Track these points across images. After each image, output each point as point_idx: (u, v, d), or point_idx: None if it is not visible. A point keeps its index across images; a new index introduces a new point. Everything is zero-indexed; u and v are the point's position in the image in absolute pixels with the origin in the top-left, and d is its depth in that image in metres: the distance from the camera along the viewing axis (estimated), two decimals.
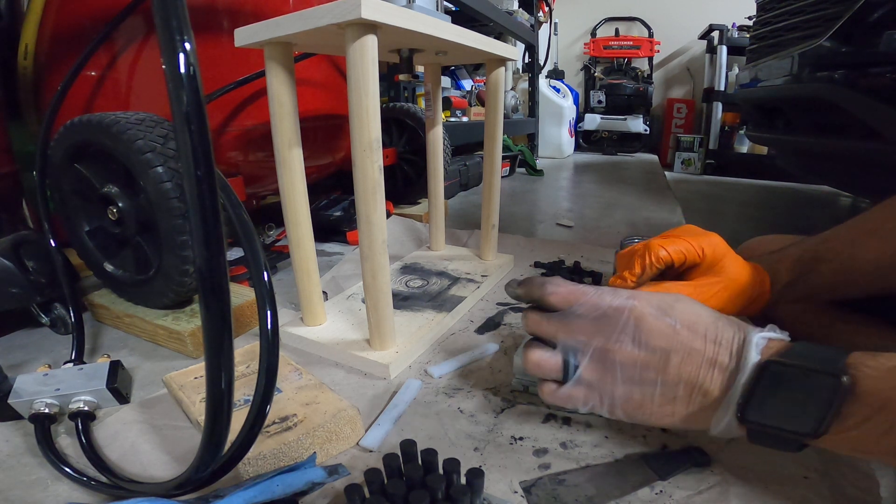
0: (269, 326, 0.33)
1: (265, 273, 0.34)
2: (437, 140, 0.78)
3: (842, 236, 0.48)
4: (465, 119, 2.07)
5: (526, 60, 2.73)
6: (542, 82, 2.93)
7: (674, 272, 0.51)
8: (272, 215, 0.92)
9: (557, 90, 3.06)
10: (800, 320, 0.55)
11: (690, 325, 0.34)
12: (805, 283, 0.48)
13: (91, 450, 0.40)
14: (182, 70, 0.23)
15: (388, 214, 1.09)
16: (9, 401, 0.43)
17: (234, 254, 0.91)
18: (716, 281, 0.47)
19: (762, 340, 0.32)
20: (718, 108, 2.88)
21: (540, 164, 2.39)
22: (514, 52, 0.71)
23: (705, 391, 0.33)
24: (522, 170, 2.26)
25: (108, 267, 0.65)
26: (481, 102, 2.26)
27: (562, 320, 0.37)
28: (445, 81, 2.35)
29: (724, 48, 2.82)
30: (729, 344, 0.33)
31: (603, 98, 3.39)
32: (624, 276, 0.51)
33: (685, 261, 0.49)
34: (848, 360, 0.29)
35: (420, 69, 0.98)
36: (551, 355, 0.37)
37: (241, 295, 0.65)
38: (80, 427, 0.42)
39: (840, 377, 0.28)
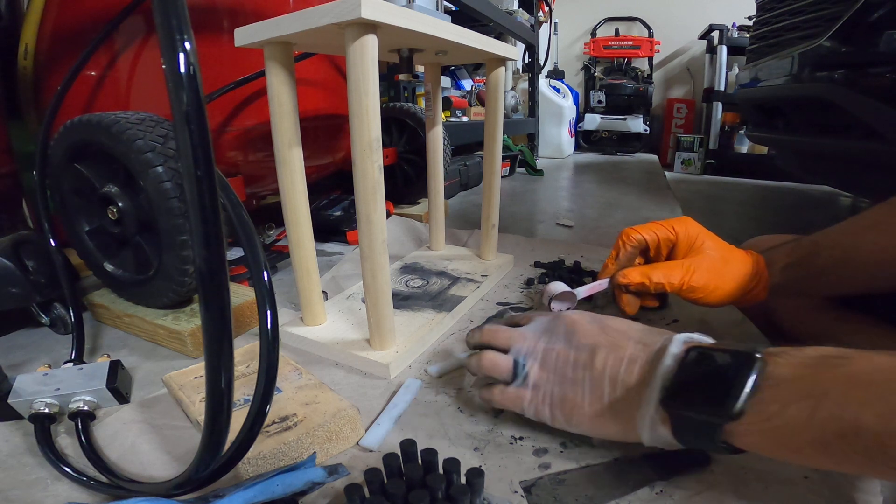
0: (269, 326, 0.33)
1: (265, 273, 0.34)
2: (437, 140, 0.78)
3: (842, 229, 0.48)
4: (465, 119, 2.07)
5: (526, 60, 2.73)
6: (542, 82, 2.93)
7: (660, 259, 0.52)
8: (272, 215, 0.92)
9: (557, 90, 3.06)
10: (799, 319, 0.55)
11: (619, 330, 0.38)
12: (804, 270, 0.48)
13: (91, 450, 0.40)
14: (182, 70, 0.23)
15: (388, 214, 1.09)
16: (8, 400, 0.43)
17: (234, 254, 0.91)
18: (700, 258, 0.49)
19: (684, 337, 0.34)
20: (718, 108, 2.88)
21: (540, 164, 2.39)
22: (514, 51, 0.71)
23: (627, 384, 0.34)
24: (522, 170, 2.26)
25: (108, 267, 0.65)
26: (481, 102, 2.26)
27: (518, 331, 0.42)
28: (445, 81, 2.35)
29: (724, 48, 2.82)
30: (653, 344, 0.35)
31: (603, 98, 3.39)
32: (605, 264, 0.55)
33: (658, 240, 0.51)
34: (769, 349, 0.30)
35: (420, 69, 0.98)
36: (504, 358, 0.40)
37: (241, 295, 0.65)
38: (80, 427, 0.42)
39: (755, 354, 0.29)
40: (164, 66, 0.23)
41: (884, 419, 0.24)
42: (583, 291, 0.56)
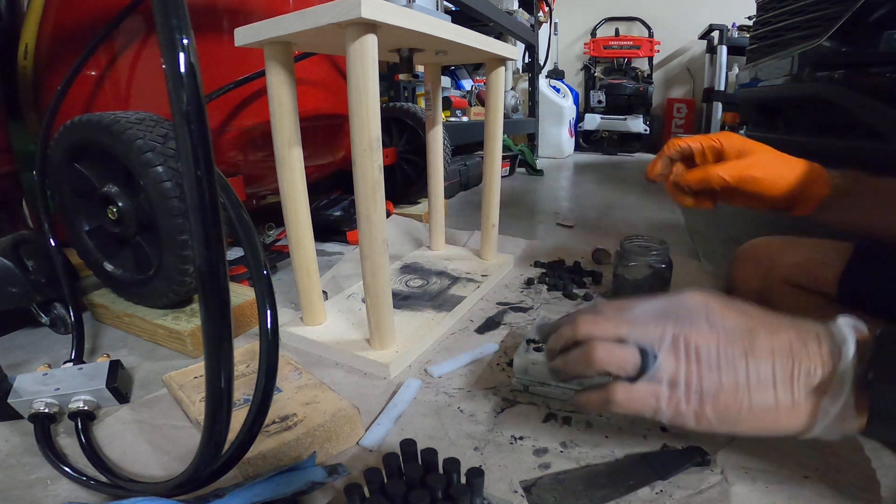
0: (269, 326, 0.33)
1: (265, 272, 0.34)
2: (437, 140, 0.78)
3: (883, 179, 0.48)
4: (465, 119, 2.07)
5: (526, 60, 2.73)
6: (542, 82, 2.92)
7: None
8: (272, 215, 0.92)
9: (557, 90, 3.06)
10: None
11: (761, 310, 0.32)
12: (851, 186, 0.48)
13: (91, 449, 0.40)
14: (182, 69, 0.23)
15: (388, 214, 1.09)
16: (8, 400, 0.43)
17: (234, 254, 0.91)
18: (755, 156, 0.48)
19: (846, 322, 0.30)
20: (718, 108, 2.88)
21: (540, 163, 2.39)
22: (514, 51, 0.71)
23: (808, 371, 0.29)
24: (522, 170, 2.26)
25: (108, 266, 0.65)
26: (481, 102, 2.26)
27: (624, 316, 0.33)
28: (445, 81, 2.35)
29: (724, 48, 2.82)
30: (810, 327, 0.31)
31: (603, 98, 3.39)
32: (647, 170, 0.54)
33: (703, 148, 0.51)
34: None
35: (420, 69, 0.98)
36: (624, 347, 0.32)
37: (241, 295, 0.65)
38: (80, 427, 0.42)
39: None
40: (164, 66, 0.23)
41: None
42: None
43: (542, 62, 2.86)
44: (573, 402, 0.38)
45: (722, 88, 2.86)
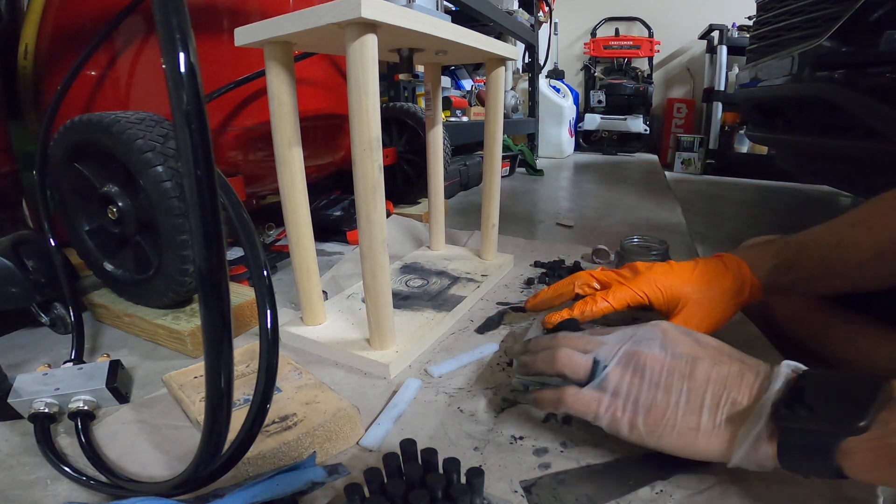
0: (269, 326, 0.33)
1: (265, 272, 0.34)
2: (437, 140, 0.78)
3: (827, 228, 0.47)
4: (465, 119, 2.07)
5: (526, 60, 2.73)
6: (542, 82, 2.93)
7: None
8: (272, 215, 0.92)
9: (557, 90, 3.06)
10: (797, 319, 0.55)
11: (715, 345, 0.36)
12: (792, 273, 0.47)
13: (90, 449, 0.40)
14: (182, 69, 0.23)
15: (388, 214, 1.09)
16: (8, 400, 0.43)
17: (234, 254, 0.91)
18: (691, 313, 0.47)
19: (790, 363, 0.32)
20: (718, 108, 2.89)
21: (540, 163, 2.39)
22: (514, 51, 0.71)
23: (734, 400, 0.32)
24: (522, 170, 2.26)
25: (108, 266, 0.65)
26: (481, 102, 2.26)
27: (594, 335, 0.39)
28: (445, 81, 2.35)
29: (724, 48, 2.82)
30: (756, 364, 0.34)
31: (603, 98, 3.39)
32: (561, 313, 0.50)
33: (628, 306, 0.49)
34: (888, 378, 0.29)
35: (420, 69, 0.98)
36: (582, 356, 0.37)
37: (241, 294, 0.65)
38: (80, 426, 0.42)
39: (878, 376, 0.28)
40: (164, 66, 0.23)
41: None
42: None
43: (542, 62, 2.87)
44: (528, 399, 0.41)
45: (722, 88, 2.86)
